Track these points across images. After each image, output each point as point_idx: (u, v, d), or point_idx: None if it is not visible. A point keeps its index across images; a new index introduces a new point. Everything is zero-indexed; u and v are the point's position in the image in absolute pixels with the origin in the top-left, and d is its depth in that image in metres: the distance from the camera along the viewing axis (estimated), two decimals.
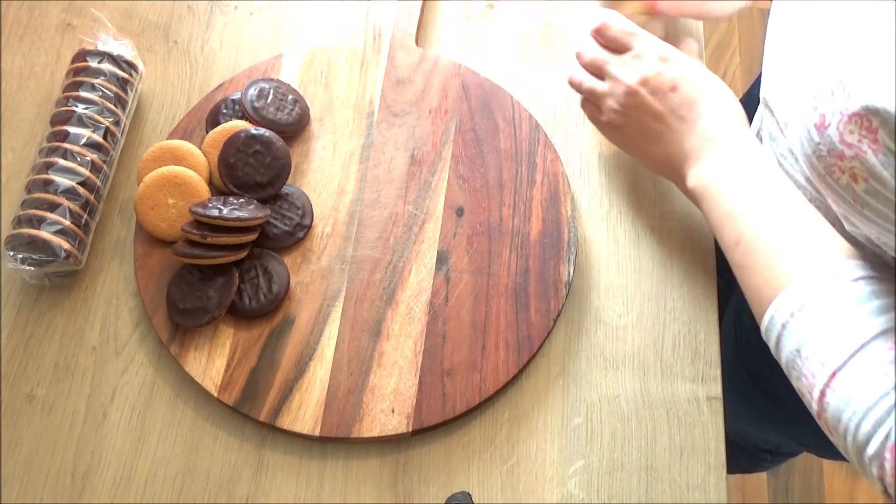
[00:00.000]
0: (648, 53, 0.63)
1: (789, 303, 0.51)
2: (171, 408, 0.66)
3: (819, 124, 0.48)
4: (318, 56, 0.78)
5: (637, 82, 0.62)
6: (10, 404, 0.66)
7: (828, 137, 0.48)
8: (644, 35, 0.64)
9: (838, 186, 0.49)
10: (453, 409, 0.63)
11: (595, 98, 0.66)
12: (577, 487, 0.63)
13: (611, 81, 0.64)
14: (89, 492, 0.63)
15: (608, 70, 0.64)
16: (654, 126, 0.63)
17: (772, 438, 0.99)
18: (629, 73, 0.63)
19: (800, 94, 0.53)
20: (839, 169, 0.48)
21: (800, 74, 0.55)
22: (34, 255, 0.66)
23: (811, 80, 0.51)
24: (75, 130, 0.70)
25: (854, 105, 0.45)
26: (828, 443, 0.83)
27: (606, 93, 0.64)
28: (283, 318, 0.67)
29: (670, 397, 0.65)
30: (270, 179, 0.69)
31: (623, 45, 0.64)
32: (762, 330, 0.54)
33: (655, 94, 0.62)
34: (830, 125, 0.47)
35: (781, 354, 0.52)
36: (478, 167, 0.72)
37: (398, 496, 0.63)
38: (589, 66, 0.66)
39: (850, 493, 1.45)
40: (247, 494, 0.63)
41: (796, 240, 0.54)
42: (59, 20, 0.82)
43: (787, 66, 0.59)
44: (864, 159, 0.45)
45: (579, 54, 0.66)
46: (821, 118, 0.48)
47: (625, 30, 0.64)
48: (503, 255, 0.68)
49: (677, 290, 0.69)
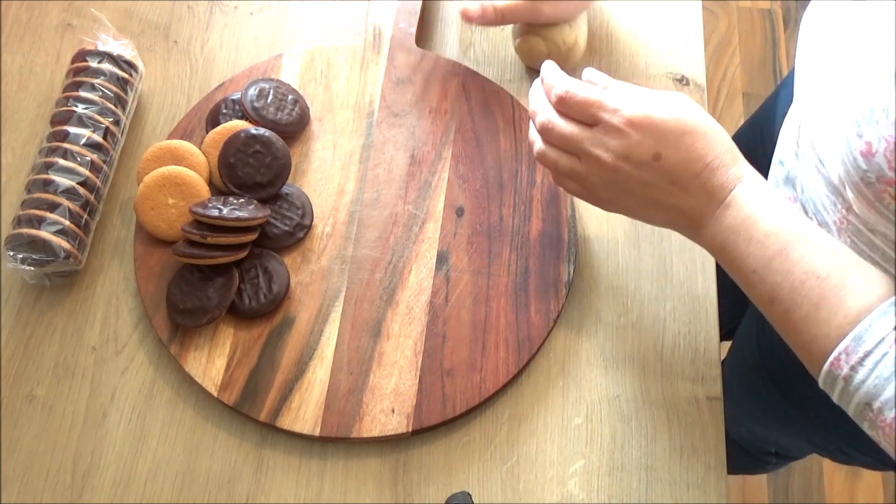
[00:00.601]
0: (619, 123, 0.55)
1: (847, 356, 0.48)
2: (171, 408, 0.66)
3: (865, 152, 0.48)
4: (318, 56, 0.78)
5: (617, 160, 0.56)
6: (10, 404, 0.66)
7: (876, 165, 0.47)
8: (610, 100, 0.56)
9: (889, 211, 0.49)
10: (453, 409, 0.63)
11: (575, 177, 0.59)
12: (577, 487, 0.63)
13: (588, 162, 0.57)
14: (89, 492, 0.63)
15: (583, 149, 0.57)
16: (648, 196, 0.57)
17: (783, 441, 0.99)
18: (605, 151, 0.56)
19: (840, 119, 0.52)
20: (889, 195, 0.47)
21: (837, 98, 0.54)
22: (34, 255, 0.66)
23: (852, 105, 0.50)
24: (75, 130, 0.70)
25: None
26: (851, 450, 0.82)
27: (586, 172, 0.58)
28: (283, 318, 0.67)
29: (670, 397, 0.65)
30: (270, 179, 0.69)
31: (589, 116, 0.57)
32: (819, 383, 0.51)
33: (640, 167, 0.55)
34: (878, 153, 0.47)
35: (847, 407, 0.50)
36: (478, 167, 0.72)
37: (398, 496, 0.63)
38: (559, 145, 0.59)
39: (850, 493, 1.45)
40: (247, 494, 0.63)
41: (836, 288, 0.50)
42: (59, 20, 0.82)
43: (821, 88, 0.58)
44: None
45: (546, 130, 0.59)
46: (867, 146, 0.48)
47: (588, 99, 0.57)
48: (503, 255, 0.68)
49: (677, 290, 0.69)
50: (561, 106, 0.58)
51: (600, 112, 0.56)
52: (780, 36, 1.84)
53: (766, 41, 1.84)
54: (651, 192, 0.56)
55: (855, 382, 0.48)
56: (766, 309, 0.54)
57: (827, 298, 0.50)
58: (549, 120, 0.59)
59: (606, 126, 0.56)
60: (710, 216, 0.55)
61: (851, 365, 0.48)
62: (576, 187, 0.60)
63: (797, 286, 0.51)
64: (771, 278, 0.52)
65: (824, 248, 0.52)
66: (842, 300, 0.49)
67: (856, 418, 0.50)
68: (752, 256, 0.53)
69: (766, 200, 0.54)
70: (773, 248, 0.52)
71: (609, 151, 0.56)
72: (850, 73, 0.53)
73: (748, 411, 0.92)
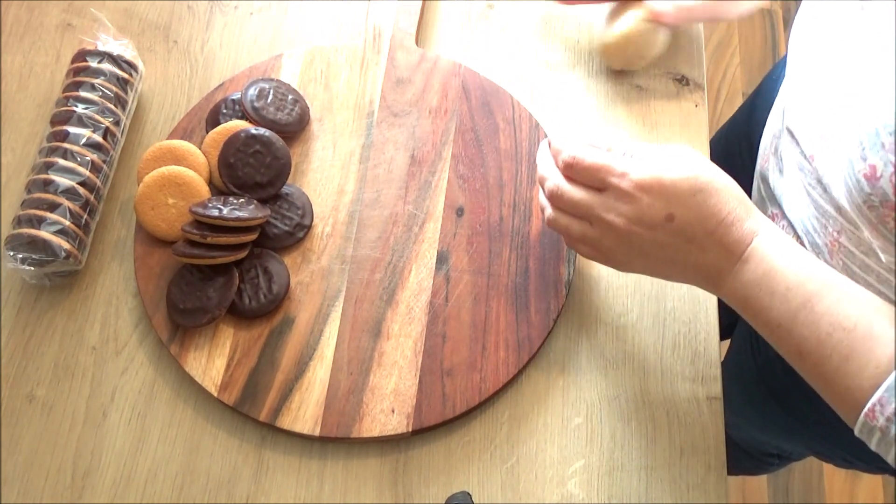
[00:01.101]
0: (629, 188, 0.55)
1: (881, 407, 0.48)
2: (171, 408, 0.66)
3: (870, 175, 0.48)
4: (318, 56, 0.78)
5: (629, 224, 0.55)
6: (10, 404, 0.66)
7: (880, 189, 0.47)
8: (618, 165, 0.56)
9: (893, 235, 0.49)
10: (453, 409, 0.63)
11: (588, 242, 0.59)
12: (577, 487, 0.63)
13: (600, 227, 0.57)
14: (89, 492, 0.63)
15: (595, 215, 0.57)
16: (664, 256, 0.56)
17: (785, 445, 0.99)
18: (617, 216, 0.55)
19: (841, 139, 0.52)
20: (893, 220, 0.47)
21: (835, 114, 0.54)
22: (34, 255, 0.66)
23: (855, 127, 0.50)
24: (75, 130, 0.70)
25: None
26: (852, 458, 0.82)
27: (599, 236, 0.58)
28: (283, 318, 0.67)
29: (670, 397, 0.65)
30: (270, 179, 0.69)
31: (598, 181, 0.56)
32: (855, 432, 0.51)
33: (654, 229, 0.55)
34: (882, 177, 0.47)
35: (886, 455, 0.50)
36: (478, 167, 0.72)
37: (398, 496, 0.63)
38: (570, 212, 0.59)
39: (850, 493, 1.45)
40: (247, 494, 0.63)
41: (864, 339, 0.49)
42: (59, 20, 0.82)
43: (814, 99, 0.58)
44: None
45: (556, 197, 0.59)
46: (871, 169, 0.47)
47: (596, 164, 0.56)
48: (503, 255, 0.68)
49: (677, 290, 0.69)
50: (569, 172, 0.58)
51: (609, 177, 0.55)
52: (780, 36, 1.84)
53: (766, 41, 1.84)
54: (667, 253, 0.56)
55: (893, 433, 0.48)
56: (794, 361, 0.53)
57: (856, 350, 0.49)
58: (557, 186, 0.58)
59: (616, 191, 0.55)
60: (730, 272, 0.54)
61: (887, 416, 0.48)
62: (589, 251, 0.59)
63: (824, 339, 0.50)
64: (797, 332, 0.52)
65: (848, 297, 0.51)
66: (871, 350, 0.49)
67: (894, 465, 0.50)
68: (776, 310, 0.52)
69: (785, 252, 0.53)
70: (796, 302, 0.52)
71: (620, 216, 0.55)
72: (849, 91, 0.53)
73: (749, 421, 0.92)
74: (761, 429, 0.93)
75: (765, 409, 0.85)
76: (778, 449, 1.01)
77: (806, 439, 0.88)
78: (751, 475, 1.41)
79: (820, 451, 0.90)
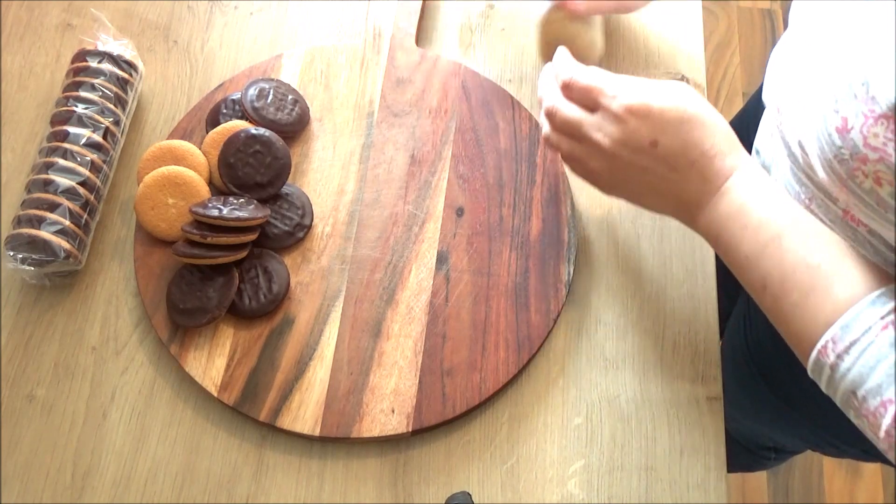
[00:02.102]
0: (618, 110, 0.57)
1: (833, 344, 0.49)
2: (171, 408, 0.66)
3: (841, 128, 0.47)
4: (318, 56, 0.78)
5: (615, 145, 0.57)
6: (10, 404, 0.66)
7: (850, 141, 0.47)
8: (610, 87, 0.58)
9: (861, 191, 0.48)
10: (453, 409, 0.63)
11: (577, 160, 0.61)
12: (577, 487, 0.63)
13: (588, 146, 0.59)
14: (89, 492, 0.63)
15: (583, 133, 0.59)
16: (645, 181, 0.58)
17: (777, 436, 0.99)
18: (604, 136, 0.58)
19: (816, 96, 0.52)
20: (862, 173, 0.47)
21: (813, 76, 0.54)
22: (34, 255, 0.66)
23: (829, 82, 0.50)
24: (75, 130, 0.70)
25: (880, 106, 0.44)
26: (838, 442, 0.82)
27: (587, 156, 0.60)
28: (283, 318, 0.67)
29: (670, 397, 0.65)
30: (270, 179, 0.70)
31: (591, 101, 0.59)
32: (808, 370, 0.52)
33: (637, 152, 0.57)
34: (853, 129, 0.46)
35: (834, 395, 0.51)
36: (478, 167, 0.72)
37: (398, 496, 0.63)
38: (562, 129, 0.61)
39: (850, 493, 1.45)
40: (247, 494, 0.63)
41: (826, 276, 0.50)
42: (59, 20, 0.82)
43: (797, 66, 0.58)
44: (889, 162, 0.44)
45: (551, 114, 0.61)
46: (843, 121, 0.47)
47: (590, 85, 0.59)
48: (503, 255, 0.68)
49: (677, 290, 0.69)
50: (566, 91, 0.61)
51: (600, 98, 0.58)
52: (780, 36, 1.84)
53: (766, 41, 1.84)
54: (648, 178, 0.58)
55: (841, 371, 0.49)
56: (758, 296, 0.55)
57: (816, 287, 0.51)
58: (553, 105, 0.61)
59: (606, 112, 0.58)
60: (707, 203, 0.56)
61: (838, 353, 0.49)
62: (578, 169, 0.62)
63: (788, 274, 0.52)
64: (763, 265, 0.53)
65: (816, 237, 0.52)
66: (831, 287, 0.50)
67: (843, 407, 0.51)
68: (746, 243, 0.54)
69: (762, 189, 0.55)
70: (766, 236, 0.53)
71: (607, 137, 0.58)
72: (825, 50, 0.53)
73: (739, 406, 0.92)
74: (753, 416, 0.93)
75: (754, 391, 0.86)
76: (772, 441, 1.02)
77: (794, 425, 0.88)
78: (748, 472, 1.42)
79: (808, 437, 0.90)
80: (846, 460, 1.46)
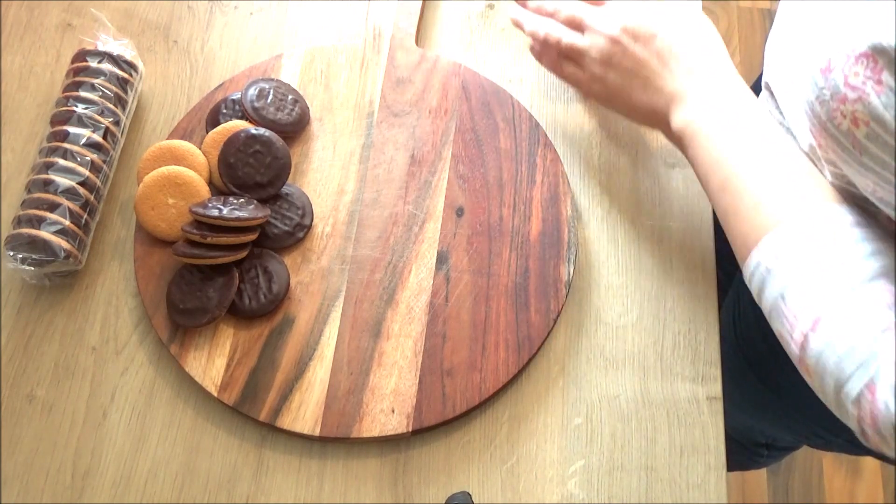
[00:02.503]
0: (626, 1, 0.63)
1: (776, 245, 0.51)
2: (171, 408, 0.66)
3: (825, 68, 0.48)
4: (318, 56, 0.78)
5: (619, 31, 0.62)
6: (10, 404, 0.66)
7: (832, 81, 0.47)
8: None
9: (839, 133, 0.48)
10: (453, 409, 0.63)
11: (575, 54, 0.66)
12: (577, 487, 0.63)
13: (591, 34, 0.64)
14: (89, 492, 0.63)
15: (588, 23, 0.64)
16: (638, 73, 0.62)
17: (767, 429, 1.00)
18: (610, 23, 0.63)
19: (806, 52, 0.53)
20: (841, 114, 0.48)
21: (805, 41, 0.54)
22: (34, 255, 0.66)
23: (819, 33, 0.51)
24: (75, 130, 0.70)
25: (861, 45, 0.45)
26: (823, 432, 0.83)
27: (587, 47, 0.64)
28: (283, 318, 0.67)
29: (670, 397, 0.66)
30: (270, 179, 0.70)
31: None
32: (746, 277, 0.54)
33: (638, 40, 0.62)
34: (835, 68, 0.47)
35: (765, 299, 0.52)
36: (478, 167, 0.72)
37: (398, 496, 0.63)
38: (567, 22, 0.66)
39: (850, 492, 1.45)
40: (247, 494, 0.63)
41: (785, 183, 0.53)
42: (59, 20, 0.82)
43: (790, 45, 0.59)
44: (866, 101, 0.45)
45: (556, 10, 0.67)
46: (827, 62, 0.48)
47: None
48: (503, 255, 0.68)
49: (677, 290, 0.69)
50: None
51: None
52: None
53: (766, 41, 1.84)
54: (640, 70, 0.62)
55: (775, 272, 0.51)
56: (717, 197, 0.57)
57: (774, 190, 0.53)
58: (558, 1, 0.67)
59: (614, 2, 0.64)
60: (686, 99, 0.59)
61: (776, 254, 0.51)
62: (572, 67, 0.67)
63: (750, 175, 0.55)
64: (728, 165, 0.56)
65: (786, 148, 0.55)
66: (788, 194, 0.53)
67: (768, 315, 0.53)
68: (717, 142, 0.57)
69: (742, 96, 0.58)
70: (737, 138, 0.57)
71: (613, 23, 0.63)
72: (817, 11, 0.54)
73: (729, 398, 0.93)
74: (740, 406, 0.94)
75: (743, 381, 0.86)
76: (763, 436, 1.02)
77: (781, 416, 0.89)
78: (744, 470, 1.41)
79: (795, 428, 0.91)
80: (846, 460, 1.46)
